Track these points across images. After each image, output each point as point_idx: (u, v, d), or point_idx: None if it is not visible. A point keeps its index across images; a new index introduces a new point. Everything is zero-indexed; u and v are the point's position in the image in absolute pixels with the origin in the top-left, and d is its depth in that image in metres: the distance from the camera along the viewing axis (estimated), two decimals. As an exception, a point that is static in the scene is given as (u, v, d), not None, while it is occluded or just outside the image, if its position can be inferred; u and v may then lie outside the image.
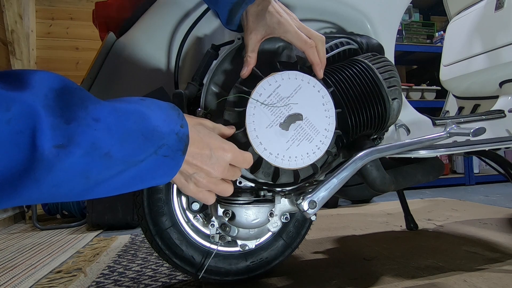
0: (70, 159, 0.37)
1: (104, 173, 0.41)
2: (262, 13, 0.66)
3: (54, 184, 0.38)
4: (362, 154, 0.75)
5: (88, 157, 0.39)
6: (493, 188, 2.88)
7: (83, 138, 0.38)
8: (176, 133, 0.48)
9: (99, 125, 0.40)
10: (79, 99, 0.40)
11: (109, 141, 0.40)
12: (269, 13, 0.66)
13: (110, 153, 0.41)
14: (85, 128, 0.39)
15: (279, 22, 0.66)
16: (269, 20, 0.66)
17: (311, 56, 0.68)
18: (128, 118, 0.43)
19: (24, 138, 0.34)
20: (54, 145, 0.36)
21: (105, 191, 0.44)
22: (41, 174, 0.36)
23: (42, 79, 0.38)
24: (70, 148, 0.37)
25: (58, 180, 0.38)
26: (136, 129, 0.43)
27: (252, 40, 0.67)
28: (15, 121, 0.34)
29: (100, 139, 0.40)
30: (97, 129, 0.39)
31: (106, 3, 0.87)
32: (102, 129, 0.40)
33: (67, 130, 0.37)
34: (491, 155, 1.30)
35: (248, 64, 0.68)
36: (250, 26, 0.67)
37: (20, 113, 0.34)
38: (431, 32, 3.31)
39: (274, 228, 0.78)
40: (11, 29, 2.38)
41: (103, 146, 0.40)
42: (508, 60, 1.18)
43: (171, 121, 0.48)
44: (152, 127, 0.45)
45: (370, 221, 1.79)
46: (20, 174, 0.35)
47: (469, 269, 1.04)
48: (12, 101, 0.34)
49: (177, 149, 0.48)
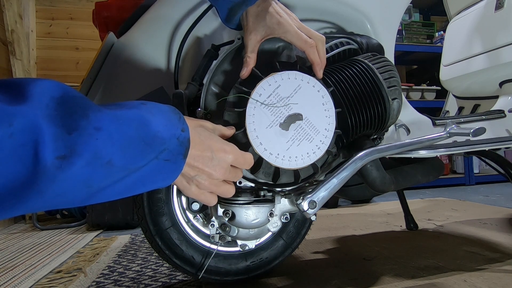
0: (72, 170, 0.37)
1: (106, 181, 0.42)
2: (262, 14, 0.66)
3: (57, 194, 0.38)
4: (362, 154, 0.75)
5: (90, 167, 0.39)
6: (493, 188, 2.88)
7: (85, 148, 0.38)
8: (177, 138, 0.48)
9: (101, 134, 0.40)
10: (80, 107, 0.40)
11: (110, 150, 0.41)
12: (269, 13, 0.66)
13: (112, 161, 0.41)
14: (87, 138, 0.39)
15: (279, 22, 0.66)
16: (269, 20, 0.66)
17: (311, 56, 0.68)
18: (129, 125, 0.43)
19: (27, 151, 0.34)
20: (56, 156, 0.36)
21: (107, 197, 0.44)
22: (44, 185, 0.36)
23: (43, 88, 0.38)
24: (72, 158, 0.37)
25: (61, 190, 0.38)
26: (137, 136, 0.44)
27: (252, 40, 0.67)
28: (18, 135, 0.34)
29: (101, 148, 0.40)
30: (98, 138, 0.40)
31: (106, 3, 0.87)
32: (103, 138, 0.40)
33: (69, 141, 0.37)
34: (491, 155, 1.30)
35: (247, 65, 0.68)
36: (250, 26, 0.67)
37: (22, 126, 0.34)
38: (431, 32, 3.31)
39: (274, 228, 0.78)
40: (11, 29, 2.37)
41: (104, 155, 0.40)
42: (508, 60, 1.18)
43: (172, 126, 0.48)
44: (153, 133, 0.45)
45: (370, 221, 1.79)
46: (23, 186, 0.35)
47: (469, 269, 1.04)
48: (13, 116, 0.34)
49: (178, 153, 0.48)
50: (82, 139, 0.38)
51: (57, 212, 2.25)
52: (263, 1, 0.66)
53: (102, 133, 0.40)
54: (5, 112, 0.34)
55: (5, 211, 0.36)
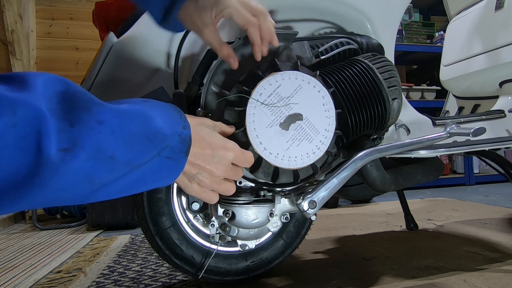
0: (75, 163, 0.37)
1: (108, 176, 0.41)
2: (200, 4, 0.63)
3: (59, 188, 0.37)
4: (362, 154, 0.75)
5: (92, 161, 0.39)
6: (493, 188, 2.88)
7: (88, 141, 0.38)
8: (178, 135, 0.48)
9: (103, 127, 0.40)
10: (83, 101, 0.40)
11: (113, 144, 0.40)
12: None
13: (114, 156, 0.41)
14: (90, 130, 0.38)
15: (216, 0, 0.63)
16: (209, 2, 0.63)
17: (252, 35, 0.65)
18: (132, 120, 0.43)
19: (30, 142, 0.34)
20: (59, 148, 0.36)
21: (108, 194, 0.44)
22: (46, 178, 0.36)
23: (46, 81, 0.38)
24: (75, 151, 0.37)
25: (62, 184, 0.37)
26: (139, 132, 0.43)
27: (211, 33, 0.65)
28: (21, 125, 0.33)
29: (104, 142, 0.39)
30: (101, 132, 0.39)
31: (106, 3, 0.87)
32: (106, 132, 0.40)
33: (72, 133, 0.37)
34: (491, 155, 1.30)
35: (228, 56, 0.66)
36: (199, 22, 0.64)
37: (26, 117, 0.34)
38: (431, 32, 3.31)
39: (274, 228, 0.78)
40: (11, 29, 2.38)
41: (107, 149, 0.40)
42: (508, 60, 1.18)
43: (174, 123, 0.48)
44: (155, 129, 0.45)
45: (370, 221, 1.79)
46: (25, 179, 0.34)
47: (469, 269, 1.04)
48: (17, 105, 0.34)
49: (180, 151, 0.48)
50: (85, 132, 0.38)
51: (57, 212, 2.25)
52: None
53: (104, 126, 0.40)
54: (9, 101, 0.33)
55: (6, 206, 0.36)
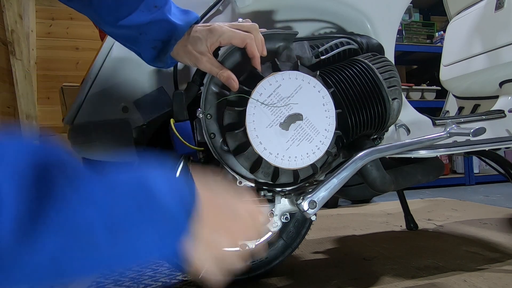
0: (35, 258, 0.30)
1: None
2: (192, 38, 0.65)
3: (24, 275, 0.31)
4: (362, 154, 0.75)
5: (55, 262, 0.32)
6: (493, 188, 2.88)
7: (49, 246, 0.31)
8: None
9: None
10: (59, 190, 0.32)
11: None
12: (196, 33, 0.65)
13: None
14: (53, 235, 0.31)
15: (210, 30, 0.64)
16: (201, 35, 0.65)
17: (252, 49, 0.65)
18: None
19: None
20: (15, 241, 0.29)
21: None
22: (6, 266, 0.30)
23: (17, 154, 0.31)
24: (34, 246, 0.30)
25: (27, 273, 0.31)
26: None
27: (210, 60, 0.65)
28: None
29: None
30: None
31: (106, 3, 0.87)
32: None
33: (32, 230, 0.30)
34: (491, 155, 1.30)
35: (228, 78, 0.65)
36: (195, 53, 0.65)
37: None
38: (431, 32, 3.30)
39: (274, 228, 0.78)
40: (11, 29, 2.37)
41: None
42: (508, 60, 1.18)
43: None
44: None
45: (370, 221, 1.79)
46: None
47: (469, 269, 1.04)
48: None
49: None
50: (47, 235, 0.30)
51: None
52: (188, 33, 0.65)
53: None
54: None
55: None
